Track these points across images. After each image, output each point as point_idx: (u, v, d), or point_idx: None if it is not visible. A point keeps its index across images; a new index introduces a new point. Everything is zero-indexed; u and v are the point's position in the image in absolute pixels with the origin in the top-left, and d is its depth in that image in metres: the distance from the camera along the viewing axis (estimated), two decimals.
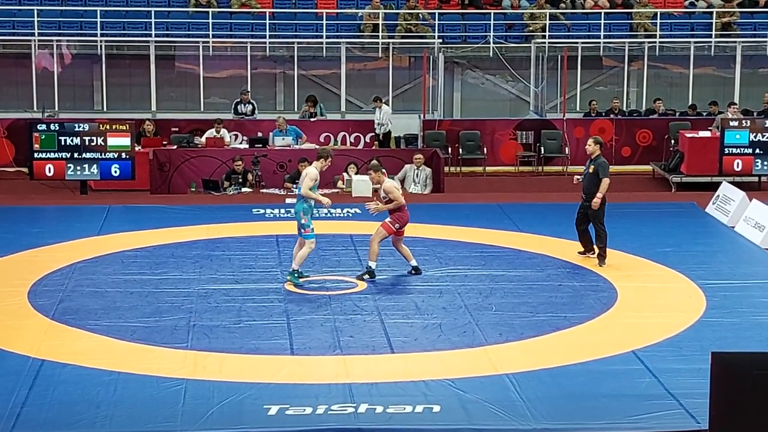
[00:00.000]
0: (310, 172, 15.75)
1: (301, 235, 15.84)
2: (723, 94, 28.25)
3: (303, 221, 15.74)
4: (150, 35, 27.77)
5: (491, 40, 28.19)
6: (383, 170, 16.32)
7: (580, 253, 17.35)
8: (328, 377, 12.34)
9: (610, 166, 17.48)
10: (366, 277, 15.99)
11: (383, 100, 26.52)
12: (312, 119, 26.32)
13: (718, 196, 20.85)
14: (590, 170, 16.98)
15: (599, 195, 16.82)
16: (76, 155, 22.19)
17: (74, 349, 13.16)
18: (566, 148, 26.35)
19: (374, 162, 16.74)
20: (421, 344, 13.50)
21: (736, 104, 26.27)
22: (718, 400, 10.01)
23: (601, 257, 16.97)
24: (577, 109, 28.61)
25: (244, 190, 22.57)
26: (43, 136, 22.24)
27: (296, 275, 15.86)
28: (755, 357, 10.42)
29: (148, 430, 10.97)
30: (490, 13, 28.62)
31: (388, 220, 16.06)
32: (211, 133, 24.77)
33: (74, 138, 22.20)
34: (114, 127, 22.49)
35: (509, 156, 26.69)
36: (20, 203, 21.38)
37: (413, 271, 16.31)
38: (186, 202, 21.72)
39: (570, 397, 11.85)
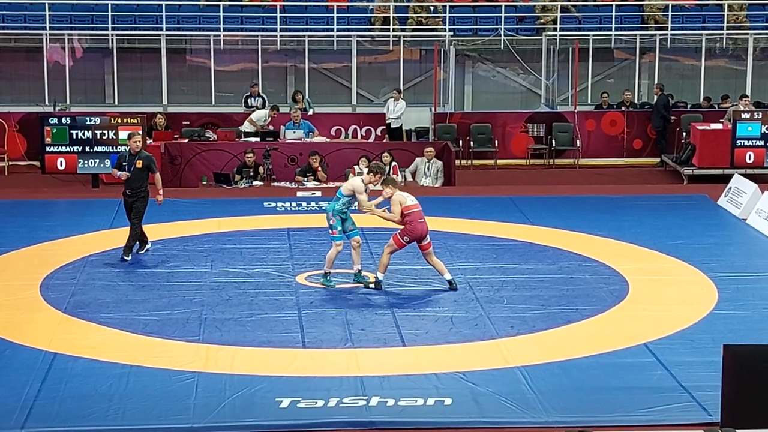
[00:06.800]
0: (358, 185, 15.29)
1: (330, 236, 15.52)
2: (735, 87, 28.19)
3: (331, 222, 15.40)
4: (161, 29, 27.79)
5: (502, 33, 28.16)
6: (394, 182, 15.47)
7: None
8: (340, 370, 12.35)
9: (622, 159, 17.47)
10: (372, 287, 15.36)
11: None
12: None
13: (730, 188, 20.82)
14: (138, 165, 16.69)
15: (162, 193, 16.83)
16: (87, 149, 22.23)
17: (86, 343, 13.20)
18: (577, 141, 26.32)
19: (389, 178, 15.67)
20: (432, 337, 13.51)
21: (747, 96, 26.21)
22: (730, 393, 10.01)
23: (128, 249, 16.79)
24: (589, 101, 28.55)
25: (255, 183, 22.57)
26: (55, 130, 22.28)
27: (328, 279, 15.60)
28: (767, 349, 10.42)
29: (161, 422, 10.99)
30: (501, 6, 28.58)
31: (398, 232, 15.32)
32: (261, 117, 24.76)
33: (86, 131, 22.23)
34: (125, 120, 22.51)
35: (520, 149, 26.67)
36: (32, 197, 21.41)
37: (449, 286, 15.35)
38: (197, 195, 21.74)
39: (582, 390, 11.84)
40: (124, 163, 16.86)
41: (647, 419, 11.13)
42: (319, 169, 22.43)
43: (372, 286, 15.44)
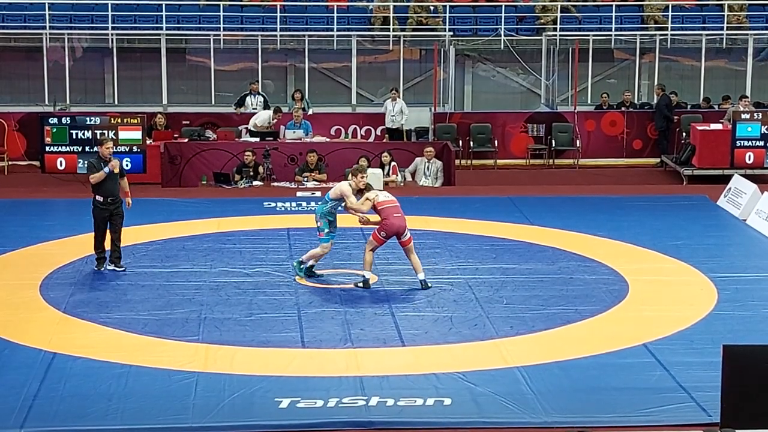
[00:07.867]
0: (345, 189, 15.43)
1: (318, 238, 15.69)
2: (735, 87, 28.18)
3: (319, 224, 15.57)
4: (161, 28, 27.77)
5: (502, 33, 28.14)
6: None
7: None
8: (339, 370, 12.35)
9: (622, 159, 17.45)
10: (360, 286, 15.42)
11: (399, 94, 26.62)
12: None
13: (730, 188, 20.82)
14: (115, 170, 16.09)
15: (130, 195, 16.47)
16: (87, 148, 22.23)
17: (86, 342, 13.20)
18: (577, 141, 26.31)
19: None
20: (432, 337, 13.51)
21: (747, 97, 26.20)
22: (729, 393, 10.01)
23: (118, 258, 16.35)
24: (589, 101, 28.54)
25: (255, 183, 22.56)
26: (55, 130, 22.30)
27: (301, 267, 15.75)
28: (766, 350, 10.41)
29: (160, 422, 11.00)
30: (501, 6, 28.57)
31: (376, 229, 15.39)
32: (265, 120, 24.65)
33: (86, 131, 22.25)
34: (125, 120, 22.53)
35: (520, 149, 26.65)
36: (32, 197, 21.41)
37: (420, 286, 15.39)
38: (197, 195, 21.73)
39: (581, 391, 11.84)
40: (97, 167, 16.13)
41: (647, 419, 11.13)
42: (314, 167, 22.41)
43: (361, 285, 15.46)
